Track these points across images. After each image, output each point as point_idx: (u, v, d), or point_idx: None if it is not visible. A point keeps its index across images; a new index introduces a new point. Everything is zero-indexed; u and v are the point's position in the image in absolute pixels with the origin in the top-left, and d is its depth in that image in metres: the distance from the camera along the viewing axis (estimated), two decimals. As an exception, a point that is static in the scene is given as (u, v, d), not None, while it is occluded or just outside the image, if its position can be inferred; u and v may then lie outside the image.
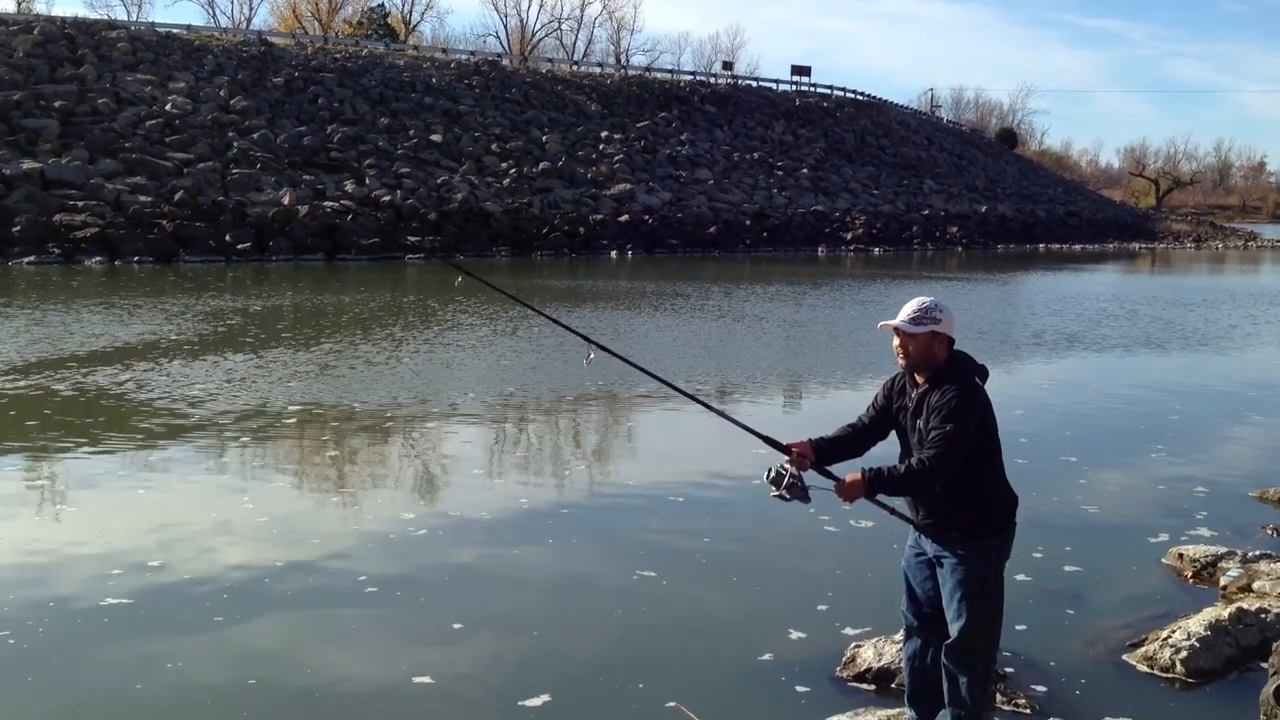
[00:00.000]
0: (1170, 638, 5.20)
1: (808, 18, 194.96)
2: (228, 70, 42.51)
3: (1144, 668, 5.14)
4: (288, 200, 33.81)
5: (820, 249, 45.76)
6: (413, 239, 34.23)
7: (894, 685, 4.78)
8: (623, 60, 77.21)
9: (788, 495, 3.98)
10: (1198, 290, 30.41)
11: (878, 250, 46.60)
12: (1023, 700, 4.73)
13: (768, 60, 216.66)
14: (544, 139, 45.97)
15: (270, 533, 7.07)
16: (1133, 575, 6.51)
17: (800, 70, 67.52)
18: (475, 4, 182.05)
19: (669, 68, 70.15)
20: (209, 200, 32.72)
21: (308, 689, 4.88)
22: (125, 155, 34.03)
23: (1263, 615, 5.31)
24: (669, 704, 4.70)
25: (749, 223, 45.33)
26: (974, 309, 22.47)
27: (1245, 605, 5.42)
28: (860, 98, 68.22)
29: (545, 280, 28.68)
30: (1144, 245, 61.96)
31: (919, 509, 4.07)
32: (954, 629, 3.99)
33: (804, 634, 5.49)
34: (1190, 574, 6.42)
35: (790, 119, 59.84)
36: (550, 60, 63.62)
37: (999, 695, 4.65)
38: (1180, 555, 6.63)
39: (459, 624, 5.60)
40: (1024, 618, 5.52)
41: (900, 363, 4.07)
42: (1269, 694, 4.36)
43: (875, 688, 4.89)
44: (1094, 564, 6.64)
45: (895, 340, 4.04)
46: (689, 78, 62.88)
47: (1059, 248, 54.89)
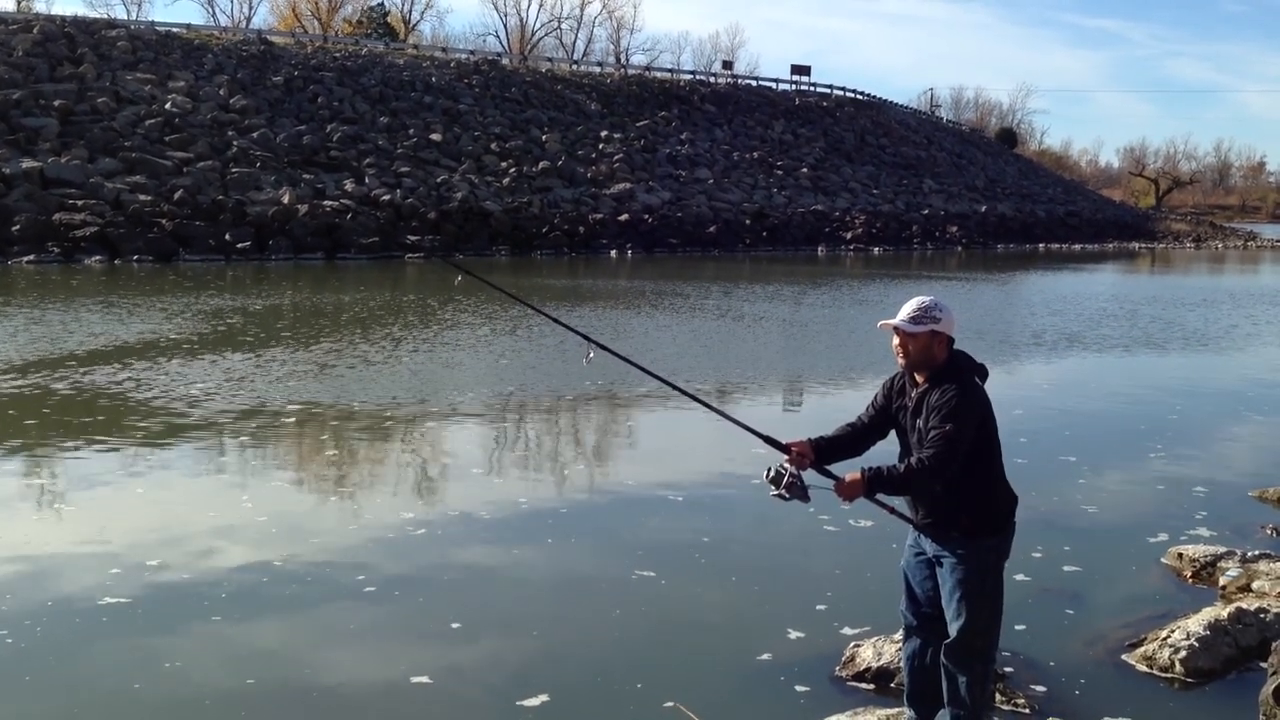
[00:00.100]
0: (1169, 638, 5.20)
1: (808, 17, 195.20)
2: (227, 69, 42.51)
3: (1143, 667, 5.14)
4: (287, 199, 33.81)
5: (820, 248, 45.77)
6: (412, 238, 34.24)
7: (893, 685, 4.78)
8: (622, 60, 77.24)
9: (787, 495, 3.98)
10: (1197, 290, 30.41)
11: (877, 250, 46.61)
12: (1022, 700, 4.73)
13: (768, 60, 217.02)
14: (544, 138, 45.97)
15: (269, 532, 7.06)
16: (1132, 575, 6.51)
17: (800, 70, 67.54)
18: (475, 3, 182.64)
19: (669, 67, 70.25)
20: (209, 199, 32.72)
21: (306, 689, 4.87)
22: (125, 154, 34.03)
23: (1262, 615, 5.31)
24: (667, 704, 4.70)
25: (749, 222, 45.33)
26: (974, 309, 22.47)
27: (1244, 605, 5.42)
28: (860, 97, 68.22)
29: (545, 279, 28.68)
30: (1144, 245, 61.98)
31: (918, 508, 4.07)
32: (953, 629, 3.99)
33: (803, 633, 5.49)
34: (1189, 574, 6.41)
35: (790, 118, 59.84)
36: (550, 59, 63.61)
37: (998, 695, 4.65)
38: (1180, 555, 6.63)
39: (458, 624, 5.60)
40: (1023, 617, 5.52)
41: (900, 362, 4.07)
42: (1268, 694, 4.36)
43: (874, 687, 4.89)
44: (1093, 564, 6.63)
45: (895, 339, 4.04)
46: (689, 77, 62.89)
47: (1059, 247, 54.91)
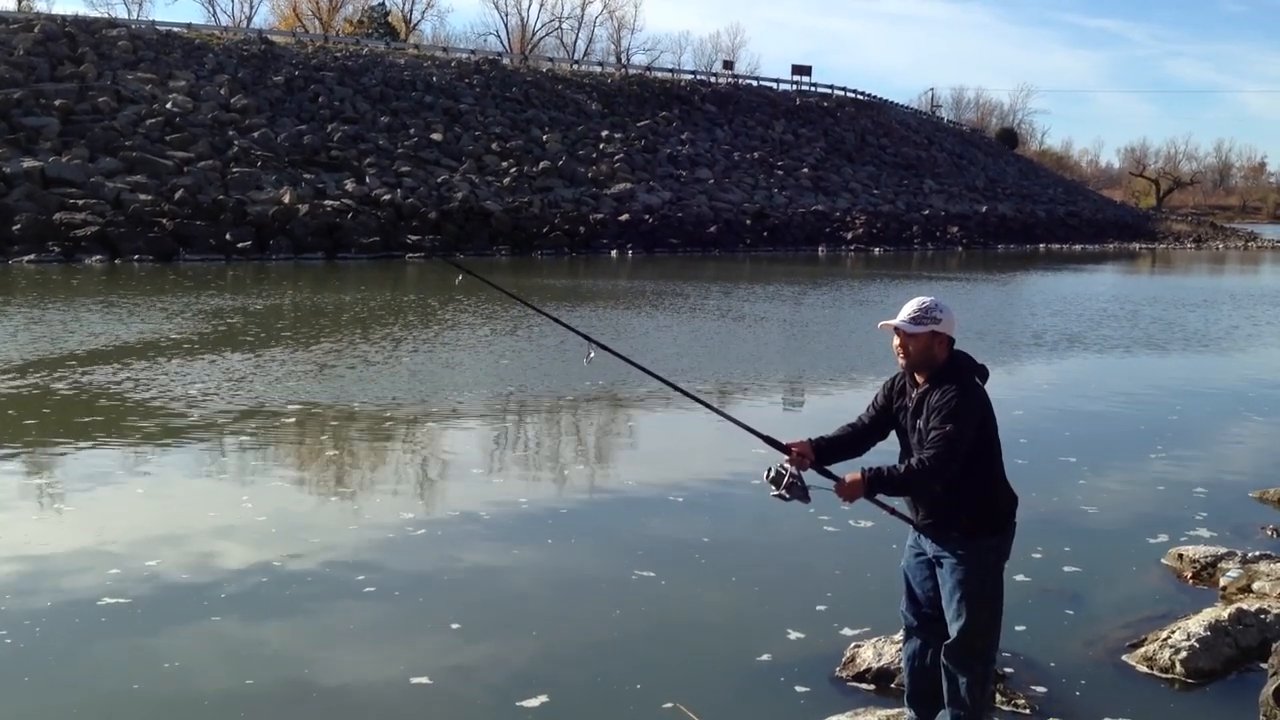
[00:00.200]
0: (1170, 638, 5.19)
1: (808, 17, 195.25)
2: (228, 69, 42.52)
3: (1143, 668, 5.13)
4: (288, 199, 33.81)
5: (820, 249, 45.78)
6: (413, 238, 34.24)
7: (893, 685, 4.78)
8: (623, 59, 77.26)
9: (787, 495, 3.97)
10: (1198, 291, 30.40)
11: (878, 250, 46.61)
12: (1022, 700, 4.72)
13: (768, 60, 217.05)
14: (544, 138, 45.98)
15: (269, 532, 7.06)
16: (1132, 576, 6.51)
17: (800, 70, 67.56)
18: (476, 3, 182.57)
19: (669, 67, 70.27)
20: (209, 199, 32.72)
21: (306, 689, 4.87)
22: (125, 154, 34.04)
23: (1262, 616, 5.31)
24: (666, 705, 4.69)
25: (749, 222, 45.34)
26: (974, 309, 22.47)
27: (1245, 606, 5.41)
28: (860, 97, 68.24)
29: (545, 279, 28.68)
30: (1144, 245, 61.98)
31: (919, 509, 4.06)
32: (953, 629, 3.98)
33: (803, 634, 5.49)
34: (1190, 574, 6.41)
35: (790, 118, 59.85)
36: (551, 59, 63.65)
37: (998, 695, 4.65)
38: (1180, 556, 6.62)
39: (457, 624, 5.60)
40: (1023, 618, 5.51)
41: (900, 362, 4.06)
42: (1268, 694, 4.35)
43: (875, 688, 4.88)
44: (1093, 564, 6.63)
45: (895, 340, 4.04)
46: (689, 77, 62.91)
47: (1059, 248, 54.91)
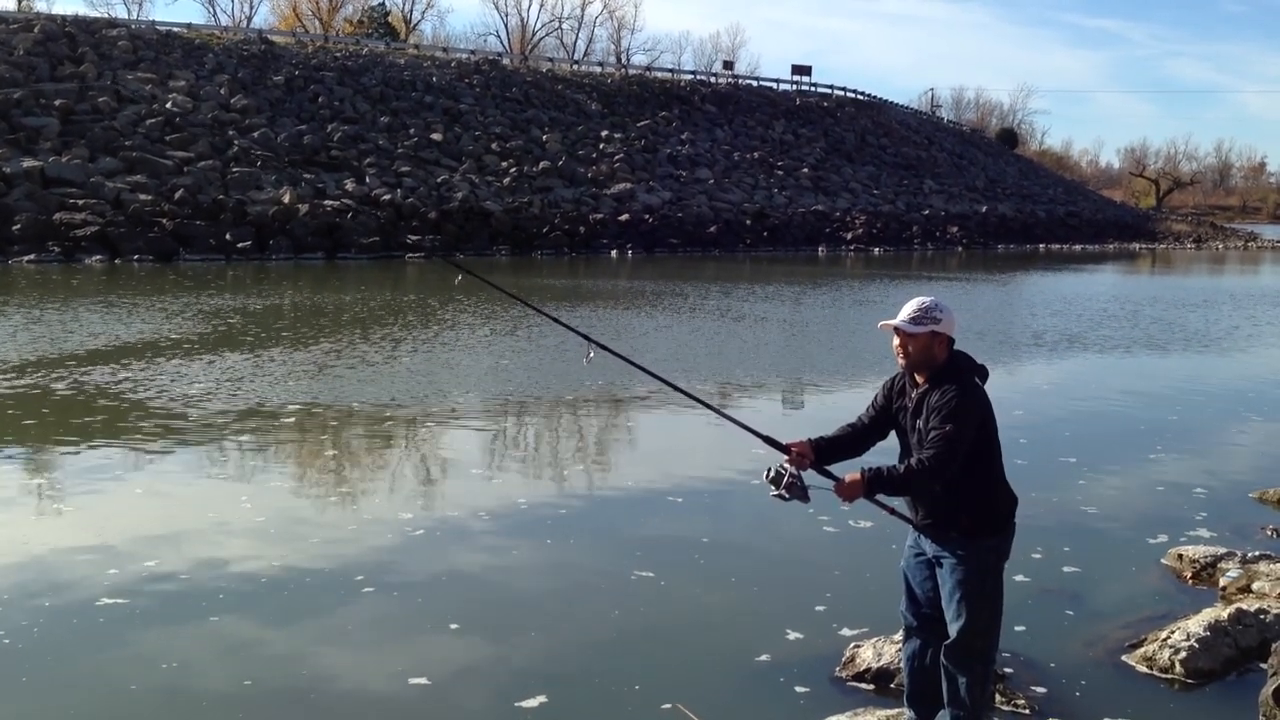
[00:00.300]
0: (1169, 638, 5.19)
1: (808, 18, 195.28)
2: (228, 69, 42.53)
3: (1143, 668, 5.13)
4: (288, 199, 33.81)
5: (820, 249, 45.78)
6: (413, 238, 34.24)
7: (893, 685, 4.77)
8: (623, 60, 77.26)
9: (787, 495, 3.97)
10: (1198, 291, 30.40)
11: (878, 250, 46.61)
12: (1022, 701, 4.72)
13: (768, 60, 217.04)
14: (544, 138, 45.98)
15: (268, 532, 7.05)
16: (1132, 576, 6.50)
17: (800, 70, 67.57)
18: (476, 3, 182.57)
19: (669, 67, 70.30)
20: (209, 199, 32.72)
21: (304, 689, 4.86)
22: (125, 153, 34.05)
23: (1262, 616, 5.30)
24: (665, 705, 4.68)
25: (749, 222, 45.34)
26: (974, 309, 22.46)
27: (1244, 606, 5.41)
28: (860, 97, 68.25)
29: (545, 279, 28.67)
30: (1144, 246, 61.98)
31: (918, 509, 4.06)
32: (953, 629, 3.98)
33: (803, 634, 5.48)
34: (1189, 575, 6.40)
35: (790, 119, 59.85)
36: (551, 59, 63.65)
37: (998, 695, 4.64)
38: (1180, 556, 6.62)
39: (456, 624, 5.59)
40: (1023, 618, 5.51)
41: (900, 362, 4.06)
42: (1268, 695, 4.35)
43: (874, 688, 4.88)
44: (1093, 565, 6.62)
45: (895, 340, 4.03)
46: (689, 77, 62.92)
47: (1059, 248, 54.91)
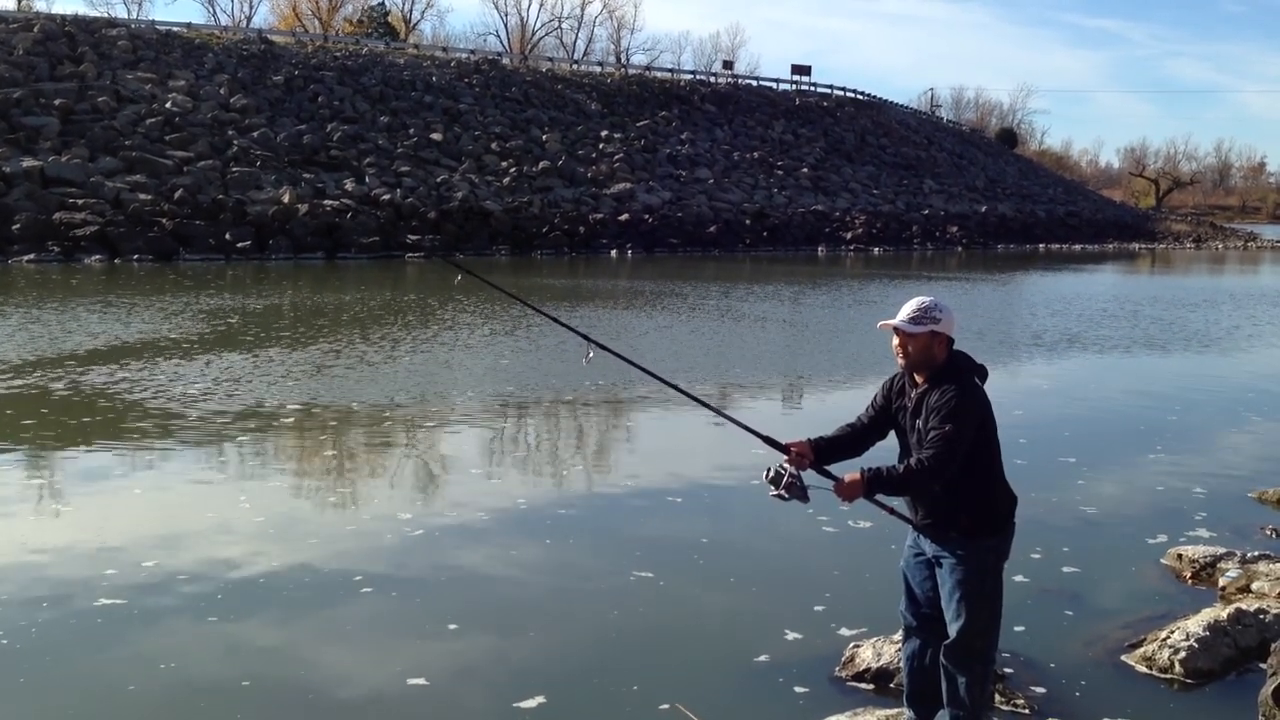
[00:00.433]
0: (1169, 638, 5.18)
1: (808, 17, 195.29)
2: (228, 68, 42.51)
3: (1143, 668, 5.13)
4: (287, 199, 33.80)
5: (820, 249, 45.78)
6: (412, 238, 34.23)
7: (893, 685, 4.77)
8: (623, 59, 77.24)
9: (787, 495, 3.97)
10: (1198, 291, 30.40)
11: (877, 250, 46.61)
12: (1021, 701, 4.71)
13: (768, 60, 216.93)
14: (544, 138, 45.97)
15: (267, 532, 7.05)
16: (1131, 576, 6.50)
17: (800, 70, 67.55)
18: (475, 2, 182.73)
19: (669, 67, 70.25)
20: (209, 198, 32.71)
21: (302, 689, 4.86)
22: (125, 153, 34.03)
23: (1261, 616, 5.30)
24: (663, 706, 4.68)
25: (749, 222, 45.33)
26: (974, 309, 22.46)
27: (1244, 606, 5.40)
28: (860, 97, 68.24)
29: (545, 279, 28.67)
30: (1144, 245, 61.98)
31: (918, 509, 4.06)
32: (953, 629, 3.98)
33: (802, 634, 5.48)
34: (1189, 575, 6.40)
35: (790, 118, 59.84)
36: (550, 59, 63.62)
37: (998, 695, 4.64)
38: (1179, 556, 6.61)
39: (454, 624, 5.59)
40: (1023, 618, 5.50)
41: (900, 362, 4.06)
42: (1267, 695, 4.35)
43: (874, 688, 4.88)
44: (1093, 565, 6.62)
45: (895, 340, 4.03)
46: (689, 77, 62.90)
47: (1059, 248, 54.91)
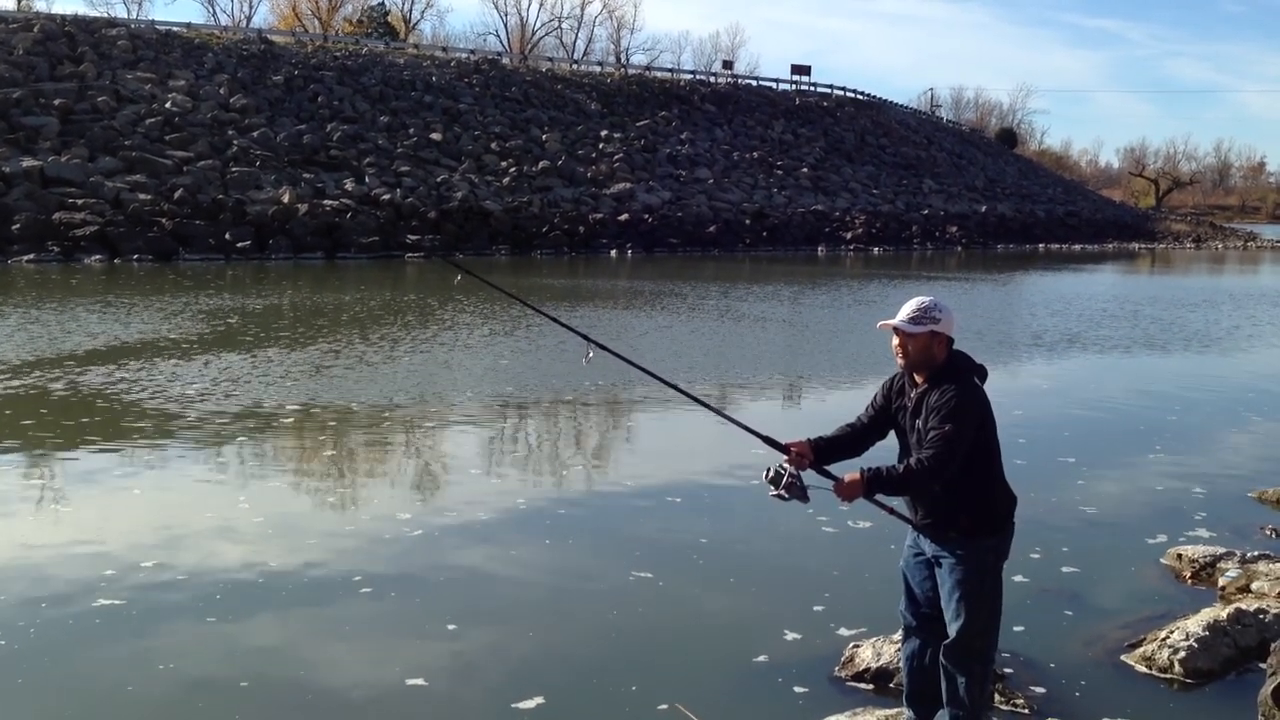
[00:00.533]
0: (1169, 638, 5.18)
1: (808, 17, 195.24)
2: (228, 68, 42.50)
3: (1142, 668, 5.13)
4: (287, 198, 33.80)
5: (820, 248, 45.78)
6: (412, 237, 34.23)
7: (892, 685, 4.77)
8: (623, 59, 77.22)
9: (786, 495, 3.97)
10: (1198, 291, 30.40)
11: (877, 250, 46.61)
12: (1021, 700, 4.71)
13: (768, 60, 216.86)
14: (544, 138, 45.96)
15: (266, 533, 7.05)
16: (1131, 576, 6.50)
17: (800, 70, 67.54)
18: (475, 2, 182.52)
19: (669, 67, 70.24)
20: (209, 198, 32.70)
21: (301, 689, 4.86)
22: (125, 153, 34.02)
23: (1261, 616, 5.30)
24: (662, 706, 4.67)
25: (749, 222, 45.33)
26: (973, 309, 22.46)
27: (1244, 606, 5.40)
28: (860, 97, 68.23)
29: (545, 279, 28.67)
30: (1143, 245, 61.99)
31: (917, 509, 4.05)
32: (952, 629, 3.98)
33: (801, 634, 5.47)
34: (1189, 574, 6.40)
35: (790, 118, 59.84)
36: (550, 59, 63.60)
37: (997, 695, 4.64)
38: (1179, 556, 6.61)
39: (453, 625, 5.59)
40: (1022, 618, 5.50)
41: (899, 362, 4.06)
42: (1267, 694, 4.35)
43: (874, 687, 4.87)
44: (1092, 565, 6.62)
45: (894, 340, 4.03)
46: (689, 77, 62.89)
47: (1058, 248, 54.92)
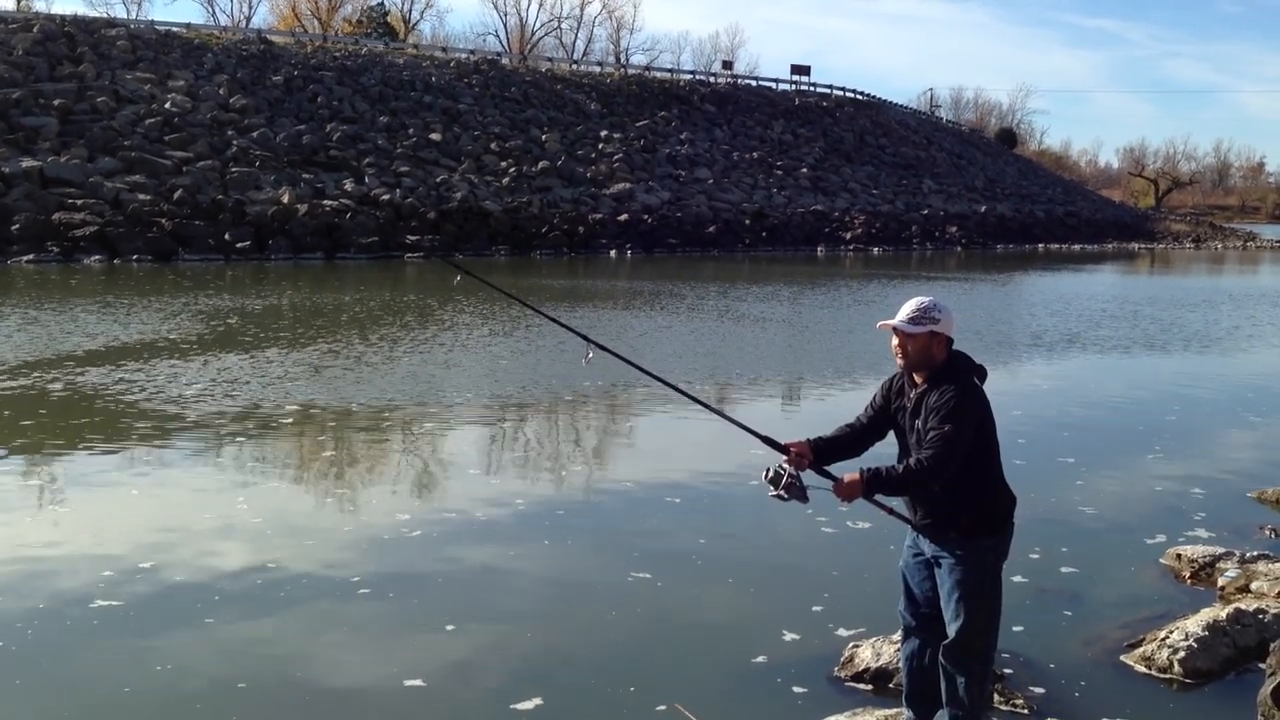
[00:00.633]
0: (1168, 638, 5.18)
1: (807, 17, 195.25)
2: (227, 69, 42.50)
3: (1142, 668, 5.12)
4: (287, 199, 33.79)
5: (819, 249, 45.78)
6: (412, 238, 34.23)
7: (892, 685, 4.76)
8: (622, 59, 77.23)
9: (786, 495, 3.96)
10: (1197, 291, 30.40)
11: (877, 250, 46.62)
12: (1020, 701, 4.71)
13: (767, 60, 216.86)
14: (543, 138, 45.96)
15: (264, 533, 7.04)
16: (1130, 576, 6.50)
17: (800, 70, 67.55)
18: (475, 3, 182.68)
19: (668, 67, 70.26)
20: (208, 199, 32.70)
21: (299, 690, 4.85)
22: (124, 153, 34.01)
23: (1260, 616, 5.30)
24: (661, 707, 4.67)
25: (748, 222, 45.33)
26: (973, 309, 22.46)
27: (1243, 606, 5.40)
28: (860, 97, 68.23)
29: (544, 279, 28.66)
30: (1143, 245, 62.00)
31: (917, 509, 4.05)
32: (952, 629, 3.97)
33: (801, 635, 5.47)
34: (1188, 574, 6.40)
35: (790, 118, 59.84)
36: (550, 59, 63.61)
37: (997, 696, 4.64)
38: (1178, 556, 6.61)
39: (452, 625, 5.58)
40: (1022, 618, 5.50)
41: (899, 362, 4.05)
42: (1266, 694, 4.35)
43: (873, 688, 4.87)
44: (1092, 565, 6.62)
45: (894, 340, 4.03)
46: (688, 77, 62.90)
47: (1058, 248, 54.93)
